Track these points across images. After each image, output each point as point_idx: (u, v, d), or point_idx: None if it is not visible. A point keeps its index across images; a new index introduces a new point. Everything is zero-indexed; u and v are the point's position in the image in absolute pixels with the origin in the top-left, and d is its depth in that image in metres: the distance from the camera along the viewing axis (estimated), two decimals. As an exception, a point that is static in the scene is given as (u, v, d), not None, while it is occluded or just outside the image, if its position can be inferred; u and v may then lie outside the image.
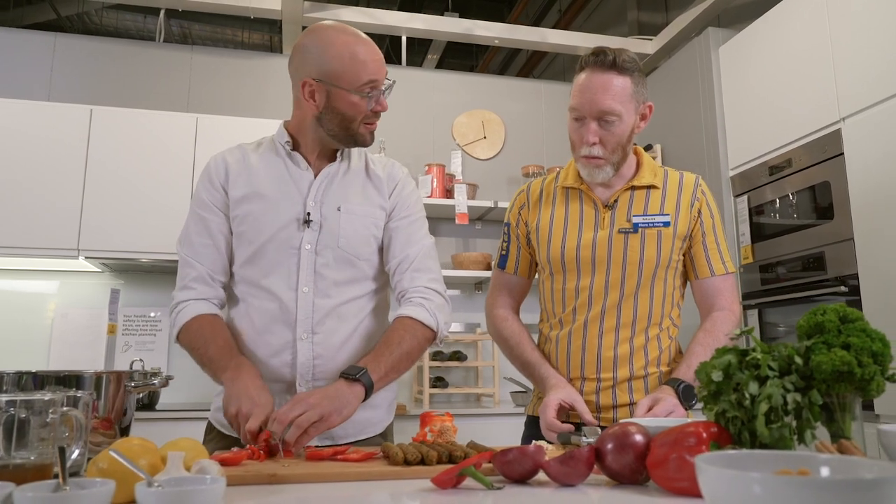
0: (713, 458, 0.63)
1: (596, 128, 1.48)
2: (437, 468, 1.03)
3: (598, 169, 1.52)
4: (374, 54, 1.43)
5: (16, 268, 3.23)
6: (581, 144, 1.51)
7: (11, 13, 5.31)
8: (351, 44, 1.41)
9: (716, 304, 1.55)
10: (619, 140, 1.49)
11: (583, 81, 1.49)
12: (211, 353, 1.39)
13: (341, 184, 1.51)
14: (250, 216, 1.47)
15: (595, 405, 1.49)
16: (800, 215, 2.88)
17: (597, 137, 1.48)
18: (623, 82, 1.47)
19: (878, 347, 0.88)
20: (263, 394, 1.29)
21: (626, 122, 1.48)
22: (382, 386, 1.38)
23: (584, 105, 1.47)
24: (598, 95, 1.46)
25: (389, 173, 1.57)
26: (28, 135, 2.99)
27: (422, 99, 3.98)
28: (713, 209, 1.59)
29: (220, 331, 1.43)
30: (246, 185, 1.48)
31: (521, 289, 1.69)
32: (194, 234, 1.49)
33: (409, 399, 3.59)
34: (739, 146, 3.28)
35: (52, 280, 3.28)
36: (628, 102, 1.48)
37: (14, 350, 3.16)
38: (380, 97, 1.45)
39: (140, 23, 6.00)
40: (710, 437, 0.88)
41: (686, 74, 3.71)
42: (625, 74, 1.47)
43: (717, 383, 0.93)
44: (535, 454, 0.98)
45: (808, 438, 0.89)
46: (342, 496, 0.92)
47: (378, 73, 1.42)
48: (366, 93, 1.42)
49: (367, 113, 1.44)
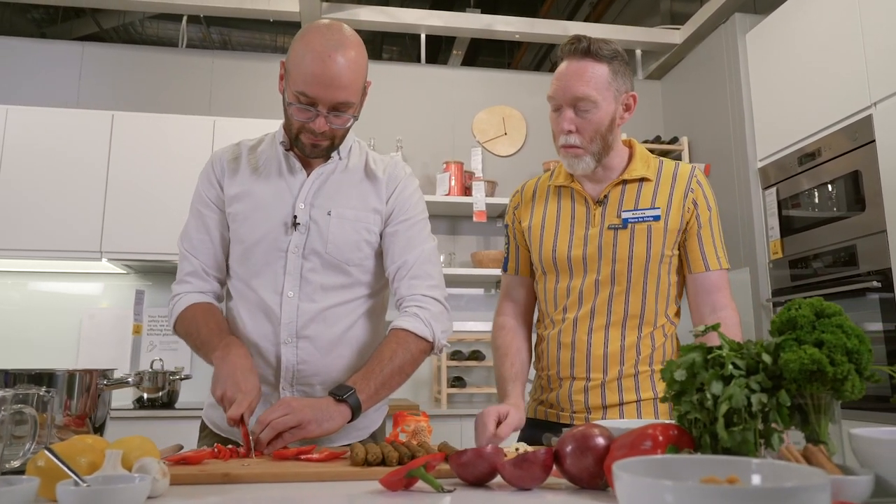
0: (630, 464, 0.58)
1: (572, 115, 1.44)
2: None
3: (576, 159, 1.47)
4: (324, 72, 1.28)
5: (47, 270, 3.34)
6: (559, 134, 1.47)
7: (59, 27, 5.50)
8: (311, 49, 1.30)
9: (716, 302, 1.48)
10: (597, 128, 1.44)
11: (559, 70, 1.47)
12: (203, 335, 1.38)
13: (335, 184, 1.46)
14: (240, 215, 1.45)
15: (584, 405, 1.44)
16: (830, 207, 2.73)
17: (573, 125, 1.44)
18: (599, 69, 1.43)
19: (853, 344, 0.81)
20: (250, 377, 1.27)
21: (603, 110, 1.43)
22: (372, 405, 1.34)
23: (559, 92, 1.44)
24: (572, 82, 1.43)
25: (390, 174, 1.50)
26: (53, 140, 3.09)
27: (441, 97, 3.95)
28: (710, 201, 1.52)
29: (213, 315, 1.43)
30: (240, 183, 1.47)
31: (525, 290, 1.64)
32: (193, 230, 1.49)
33: (428, 399, 3.57)
34: (767, 136, 3.14)
35: (80, 282, 3.38)
36: (605, 90, 1.43)
37: (45, 349, 3.27)
38: (316, 118, 1.32)
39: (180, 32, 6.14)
40: (669, 440, 0.83)
41: (713, 63, 3.58)
42: (601, 62, 1.43)
43: (681, 383, 0.88)
44: (491, 456, 0.94)
45: (776, 442, 0.83)
46: (281, 496, 0.89)
47: (315, 91, 1.29)
48: (299, 102, 1.32)
49: (305, 126, 1.35)
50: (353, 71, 1.33)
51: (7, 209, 3.00)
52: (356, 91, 1.35)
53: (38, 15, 5.13)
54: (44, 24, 5.17)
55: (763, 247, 3.14)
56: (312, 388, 1.43)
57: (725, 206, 3.42)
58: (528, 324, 1.64)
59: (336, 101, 1.32)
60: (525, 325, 1.64)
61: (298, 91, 1.30)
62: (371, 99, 1.52)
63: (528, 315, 1.65)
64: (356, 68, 1.34)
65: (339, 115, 1.35)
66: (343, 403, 1.28)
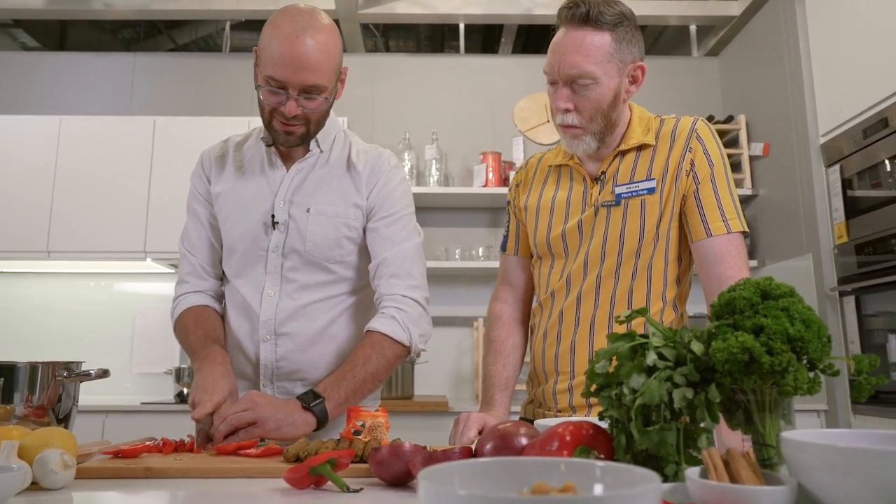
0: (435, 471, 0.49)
1: (568, 93, 1.29)
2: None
3: (576, 139, 1.33)
4: (292, 53, 1.25)
5: (102, 271, 3.52)
6: (556, 112, 1.35)
7: (144, 44, 5.78)
8: (280, 32, 1.27)
9: (723, 274, 1.25)
10: (597, 106, 1.28)
11: (556, 40, 1.31)
12: (191, 343, 1.39)
13: (316, 180, 1.43)
14: (222, 213, 1.45)
15: (568, 403, 1.32)
16: (898, 184, 2.45)
17: (570, 103, 1.30)
18: (600, 39, 1.26)
19: (796, 331, 0.68)
20: (221, 382, 1.25)
21: (604, 86, 1.27)
22: (341, 413, 1.30)
23: (555, 67, 1.29)
24: (568, 56, 1.27)
25: (373, 167, 1.44)
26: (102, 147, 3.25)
27: (481, 86, 3.86)
28: (713, 155, 1.31)
29: (202, 322, 1.42)
30: (224, 181, 1.46)
31: (525, 274, 1.52)
32: (191, 229, 1.50)
33: (469, 396, 3.49)
34: (829, 109, 2.86)
35: (133, 282, 3.54)
36: (607, 63, 1.26)
37: (101, 347, 3.44)
38: (286, 101, 1.29)
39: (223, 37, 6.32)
40: (579, 440, 0.73)
41: (770, 34, 3.30)
42: (603, 30, 1.26)
43: (604, 376, 0.77)
44: (408, 454, 0.87)
45: (704, 444, 0.71)
46: (187, 492, 0.86)
47: (284, 73, 1.26)
48: (269, 85, 1.28)
49: (276, 110, 1.31)
50: (322, 53, 1.28)
51: (63, 213, 3.18)
52: (327, 74, 1.30)
53: (127, 34, 5.43)
54: (131, 42, 5.46)
55: (827, 231, 2.86)
56: (293, 384, 1.41)
57: (786, 189, 3.15)
58: (526, 312, 1.53)
59: (305, 83, 1.28)
60: (523, 315, 1.53)
61: (267, 75, 1.28)
62: (407, 92, 1.47)
63: (526, 302, 1.53)
64: (326, 50, 1.29)
65: (311, 99, 1.31)
66: (309, 412, 1.24)
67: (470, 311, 3.57)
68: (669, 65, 3.90)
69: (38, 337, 3.49)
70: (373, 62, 3.88)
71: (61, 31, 5.10)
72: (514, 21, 3.90)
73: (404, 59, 3.94)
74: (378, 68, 3.85)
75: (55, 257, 3.17)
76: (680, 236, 1.34)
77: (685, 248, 1.35)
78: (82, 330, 3.49)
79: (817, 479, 0.59)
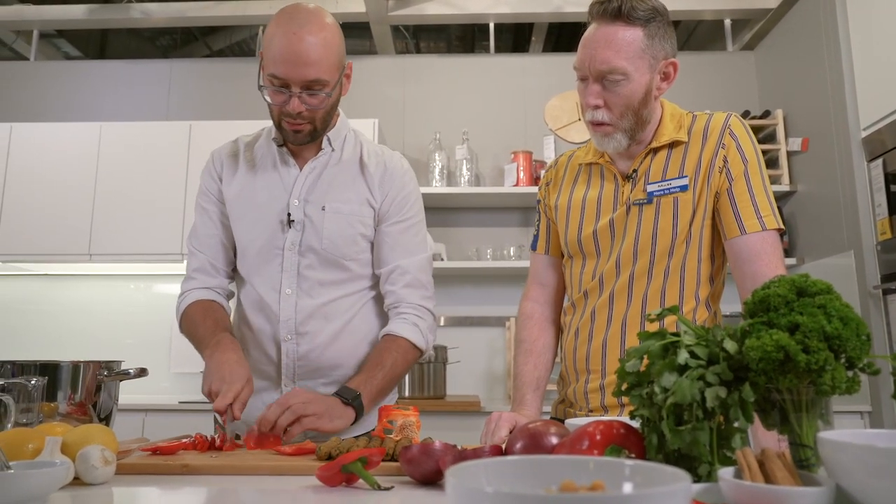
0: (463, 469, 0.49)
1: (598, 89, 1.28)
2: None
3: (606, 137, 1.32)
4: (292, 49, 1.27)
5: (142, 273, 3.61)
6: (585, 108, 1.34)
7: (181, 50, 5.92)
8: (280, 30, 1.29)
9: (758, 272, 1.21)
10: (628, 103, 1.27)
11: (587, 35, 1.29)
12: (199, 334, 1.39)
13: (329, 178, 1.45)
14: (237, 214, 1.47)
15: (600, 403, 1.31)
16: (946, 178, 2.36)
17: (600, 100, 1.28)
18: (632, 35, 1.24)
19: (833, 329, 0.66)
20: (237, 369, 1.25)
21: (635, 82, 1.25)
22: (371, 410, 1.35)
23: (585, 62, 1.28)
24: (599, 51, 1.25)
25: (385, 169, 1.47)
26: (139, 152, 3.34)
27: (512, 85, 3.84)
28: (746, 152, 1.28)
29: (211, 313, 1.43)
30: (237, 181, 1.48)
31: (556, 273, 1.51)
32: (199, 226, 1.51)
33: (502, 396, 3.48)
34: (871, 102, 2.77)
35: (171, 283, 3.62)
36: (638, 59, 1.25)
37: (141, 347, 3.53)
38: (290, 99, 1.31)
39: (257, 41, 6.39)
40: (610, 439, 0.72)
41: (809, 26, 3.22)
42: (634, 25, 1.24)
43: (635, 374, 0.76)
44: (438, 453, 0.87)
45: (738, 443, 0.70)
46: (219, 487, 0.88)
47: (285, 70, 1.28)
48: (272, 85, 1.31)
49: (282, 109, 1.33)
50: (322, 48, 1.30)
51: (104, 217, 3.27)
52: (328, 69, 1.32)
53: (164, 42, 5.57)
54: (169, 49, 5.59)
55: (869, 227, 2.78)
56: (315, 383, 1.42)
57: (826, 185, 3.07)
58: (557, 312, 1.52)
59: (306, 78, 1.30)
60: (554, 314, 1.52)
61: (270, 73, 1.30)
62: (437, 93, 1.50)
63: (557, 301, 1.52)
64: (326, 45, 1.31)
65: (314, 95, 1.33)
66: (349, 406, 1.28)
67: (502, 310, 3.56)
68: (704, 60, 3.83)
69: (80, 337, 3.59)
70: (403, 63, 3.90)
71: (101, 40, 5.26)
72: (544, 19, 3.88)
73: (435, 59, 3.95)
74: (409, 69, 3.87)
75: (96, 260, 3.26)
76: (713, 234, 1.31)
77: (718, 246, 1.32)
78: (122, 330, 3.58)
79: (856, 480, 0.57)
